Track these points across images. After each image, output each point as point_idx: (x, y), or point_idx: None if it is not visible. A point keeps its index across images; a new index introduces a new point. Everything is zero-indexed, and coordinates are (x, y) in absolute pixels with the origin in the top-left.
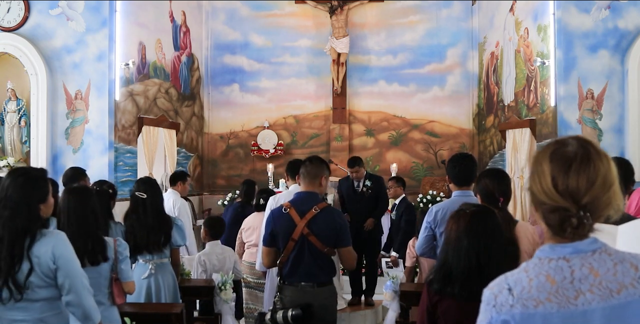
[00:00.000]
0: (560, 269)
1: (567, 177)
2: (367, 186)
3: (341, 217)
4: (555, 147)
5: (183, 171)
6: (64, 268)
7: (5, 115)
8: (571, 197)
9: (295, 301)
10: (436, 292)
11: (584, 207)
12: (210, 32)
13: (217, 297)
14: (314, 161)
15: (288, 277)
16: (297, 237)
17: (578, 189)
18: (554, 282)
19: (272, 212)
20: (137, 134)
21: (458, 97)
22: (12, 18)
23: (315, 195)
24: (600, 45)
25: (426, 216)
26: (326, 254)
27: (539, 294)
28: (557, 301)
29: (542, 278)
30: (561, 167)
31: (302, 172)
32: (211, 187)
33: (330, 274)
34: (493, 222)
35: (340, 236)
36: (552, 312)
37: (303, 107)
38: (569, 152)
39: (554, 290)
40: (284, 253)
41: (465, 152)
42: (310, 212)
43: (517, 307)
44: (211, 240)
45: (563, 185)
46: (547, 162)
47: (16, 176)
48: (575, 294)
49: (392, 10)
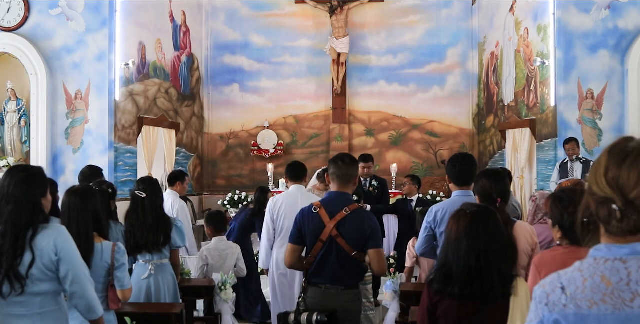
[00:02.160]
0: (616, 271)
1: (619, 169)
2: (374, 186)
3: (373, 219)
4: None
5: (181, 170)
6: (67, 260)
7: (5, 115)
8: (619, 189)
9: (318, 303)
10: (436, 292)
11: (632, 202)
12: (210, 32)
13: (217, 297)
14: (346, 161)
15: (313, 277)
16: (326, 238)
17: (628, 182)
18: (609, 283)
19: (302, 211)
20: (137, 134)
21: (458, 97)
22: (12, 18)
23: (347, 196)
24: (600, 45)
25: (426, 216)
26: (354, 258)
27: (593, 295)
28: (612, 303)
29: (597, 278)
30: (617, 159)
31: (333, 173)
32: (211, 187)
33: (356, 278)
34: (494, 223)
35: (370, 238)
36: (606, 314)
37: (303, 107)
38: (629, 147)
39: (610, 291)
40: (312, 253)
41: (465, 152)
42: (340, 213)
43: (570, 307)
44: (216, 235)
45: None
46: (606, 154)
47: (16, 172)
48: (632, 297)
49: (392, 10)
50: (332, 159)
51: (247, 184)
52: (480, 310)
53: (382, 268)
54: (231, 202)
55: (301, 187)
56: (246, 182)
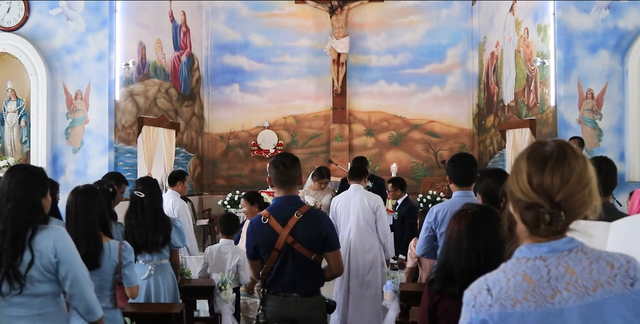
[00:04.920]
0: (537, 269)
1: (542, 174)
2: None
3: (327, 219)
4: (534, 147)
5: (181, 170)
6: (66, 261)
7: (5, 115)
8: (545, 193)
9: (278, 312)
10: (437, 292)
11: (558, 205)
12: (210, 32)
13: (217, 297)
14: (287, 163)
15: (271, 286)
16: (281, 247)
17: (552, 186)
18: (531, 281)
19: (251, 224)
20: (137, 134)
21: (458, 97)
22: (12, 18)
23: (295, 198)
24: (600, 45)
25: (427, 216)
26: (313, 261)
27: (516, 294)
28: (534, 300)
29: (520, 277)
30: (537, 165)
31: (276, 177)
32: (211, 187)
33: (317, 284)
34: (495, 223)
35: (327, 240)
36: (529, 311)
37: (303, 107)
38: (546, 151)
39: (531, 289)
40: (267, 263)
41: (466, 153)
42: (292, 218)
43: (495, 307)
44: (223, 236)
45: (538, 182)
46: (525, 160)
47: (17, 171)
48: (552, 293)
49: (392, 10)
50: (272, 163)
51: (247, 184)
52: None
53: (340, 268)
54: (231, 202)
55: (359, 186)
56: (246, 182)
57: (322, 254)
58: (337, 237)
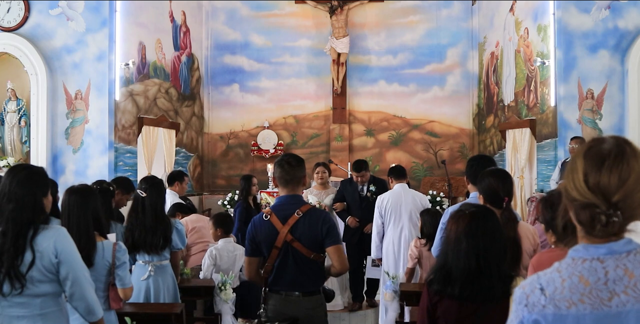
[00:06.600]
0: (594, 270)
1: (599, 173)
2: (372, 191)
3: (328, 217)
4: (591, 144)
5: (180, 170)
6: (67, 261)
7: (5, 115)
8: (602, 193)
9: (279, 311)
10: (436, 292)
11: (615, 205)
12: (210, 32)
13: (217, 297)
14: (292, 163)
15: (272, 285)
16: (281, 244)
17: (609, 186)
18: (587, 283)
19: (253, 220)
20: (137, 134)
21: (458, 97)
22: (12, 18)
23: (298, 198)
24: (600, 45)
25: (442, 217)
26: (313, 260)
27: (571, 295)
28: (590, 303)
29: (575, 278)
30: (594, 164)
31: (280, 176)
32: (211, 187)
33: (318, 283)
34: (493, 223)
35: (326, 236)
36: (585, 313)
37: (303, 107)
38: (604, 149)
39: (588, 291)
40: (268, 261)
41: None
42: (292, 217)
43: (549, 307)
44: (224, 237)
45: (594, 181)
46: (581, 159)
47: (18, 171)
48: (609, 296)
49: (392, 10)
50: (278, 162)
51: None
52: (480, 310)
53: (344, 264)
54: (231, 202)
55: (404, 185)
56: None
57: (321, 253)
58: (338, 233)
